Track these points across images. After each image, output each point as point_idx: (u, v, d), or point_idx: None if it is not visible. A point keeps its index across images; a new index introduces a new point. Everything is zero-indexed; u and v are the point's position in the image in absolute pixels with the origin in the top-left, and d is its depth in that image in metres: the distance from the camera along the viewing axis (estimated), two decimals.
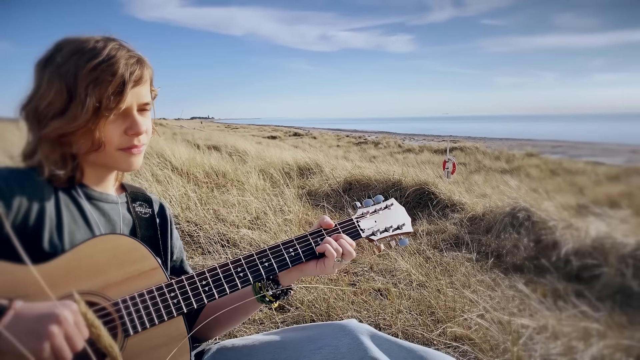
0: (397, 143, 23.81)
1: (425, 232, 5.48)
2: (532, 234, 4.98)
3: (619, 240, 4.38)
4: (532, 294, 4.00)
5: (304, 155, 10.21)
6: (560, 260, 4.52)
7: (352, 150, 22.39)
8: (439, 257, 4.73)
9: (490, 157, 17.55)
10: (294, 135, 31.12)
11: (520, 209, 5.34)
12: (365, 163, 14.85)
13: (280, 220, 4.74)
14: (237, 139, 20.42)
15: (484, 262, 4.67)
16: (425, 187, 6.77)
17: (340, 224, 1.41)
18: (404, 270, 3.86)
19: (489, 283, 4.18)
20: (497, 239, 5.13)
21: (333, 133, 33.76)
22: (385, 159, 17.98)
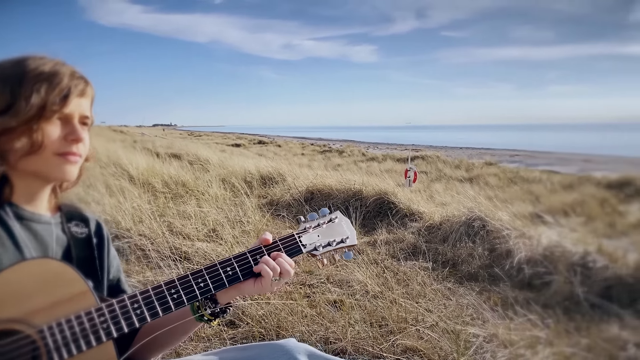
0: (361, 151, 24.03)
1: (384, 242, 5.53)
2: (487, 243, 5.11)
3: (568, 249, 4.53)
4: (485, 303, 4.10)
5: (267, 164, 10.18)
6: (513, 268, 4.64)
7: (316, 159, 22.45)
8: (397, 267, 4.79)
9: (451, 165, 17.89)
10: (258, 143, 30.98)
11: (476, 218, 5.46)
12: (329, 171, 14.93)
13: (238, 232, 4.71)
14: (200, 147, 20.18)
15: (440, 271, 4.76)
16: (385, 197, 6.85)
17: (281, 240, 1.40)
18: (360, 281, 3.89)
19: (444, 292, 4.25)
20: (453, 248, 5.23)
21: (298, 141, 33.81)
22: (350, 168, 18.12)
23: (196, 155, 13.80)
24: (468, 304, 4.02)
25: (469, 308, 3.90)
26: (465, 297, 4.17)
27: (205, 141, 31.10)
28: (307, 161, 20.91)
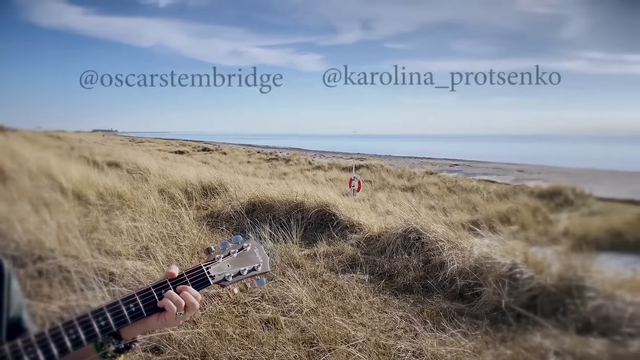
0: (308, 160, 24.12)
1: (323, 255, 5.56)
2: (422, 255, 5.23)
3: (497, 260, 4.70)
4: (419, 315, 4.20)
5: (209, 175, 10.02)
6: (446, 280, 4.78)
7: (262, 167, 22.33)
8: (335, 280, 4.82)
9: (394, 174, 18.23)
10: (203, 150, 30.48)
11: (412, 230, 5.59)
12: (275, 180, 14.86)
13: (172, 249, 4.60)
14: (141, 154, 19.60)
15: (377, 284, 4.83)
16: (326, 209, 6.89)
17: (188, 273, 1.38)
18: (296, 297, 3.89)
19: (379, 305, 4.33)
20: (390, 260, 5.33)
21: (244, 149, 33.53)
22: (296, 176, 18.12)
23: (136, 164, 13.39)
24: (402, 316, 4.11)
25: (402, 321, 3.99)
26: (399, 310, 4.26)
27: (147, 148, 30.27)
28: (252, 169, 20.75)
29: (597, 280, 4.44)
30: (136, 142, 41.11)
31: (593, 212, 10.36)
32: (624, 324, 3.79)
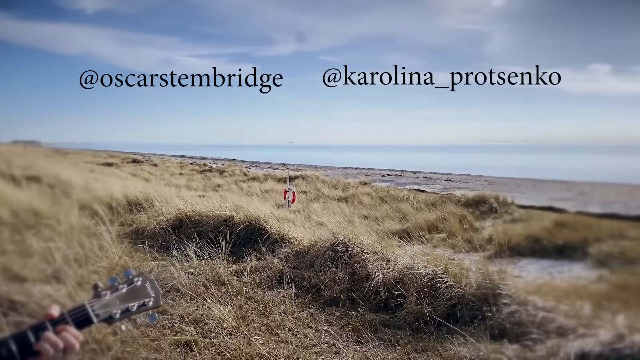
0: (243, 171, 23.86)
1: (251, 270, 5.50)
2: (349, 267, 5.29)
3: (420, 271, 4.84)
4: (344, 328, 4.23)
5: (135, 189, 9.67)
6: (371, 291, 4.86)
7: (195, 179, 21.86)
8: (261, 297, 4.77)
9: (329, 185, 18.37)
10: (132, 162, 29.40)
11: (339, 242, 5.64)
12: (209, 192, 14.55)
13: (88, 271, 4.38)
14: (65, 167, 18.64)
15: (303, 298, 4.83)
16: (256, 223, 6.83)
17: (69, 312, 1.32)
18: (217, 318, 3.81)
19: (305, 320, 4.32)
20: (318, 273, 5.35)
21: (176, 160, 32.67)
22: (230, 188, 17.87)
23: (58, 178, 12.71)
24: (327, 330, 4.13)
25: (327, 335, 4.00)
26: (325, 324, 4.28)
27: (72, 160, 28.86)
28: (185, 182, 20.27)
29: (512, 287, 4.66)
30: (61, 153, 39.11)
31: (515, 219, 10.94)
32: (535, 328, 4.00)
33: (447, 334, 4.10)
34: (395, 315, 4.51)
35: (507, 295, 4.48)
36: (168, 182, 19.28)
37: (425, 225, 10.30)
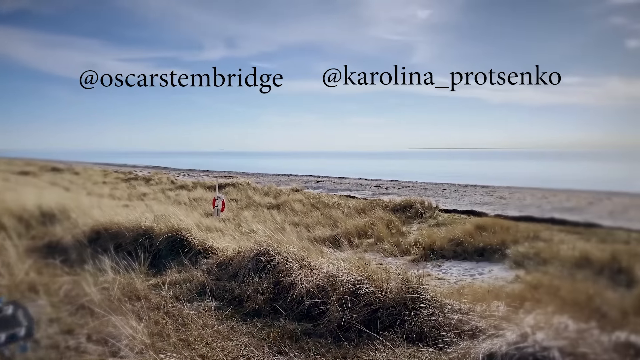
0: (171, 179, 23.14)
1: (171, 283, 5.32)
2: (272, 277, 5.24)
3: (342, 278, 4.86)
4: (265, 339, 4.17)
5: (50, 198, 9.11)
6: (295, 300, 4.83)
7: (120, 188, 20.99)
8: (180, 310, 4.62)
9: (261, 192, 18.24)
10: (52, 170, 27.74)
11: (264, 252, 5.58)
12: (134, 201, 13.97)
13: None
14: None
15: (225, 310, 4.72)
16: (178, 234, 6.62)
17: None
18: (129, 335, 3.64)
19: (225, 333, 4.22)
20: (241, 284, 5.25)
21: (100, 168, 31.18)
22: (157, 197, 17.29)
23: None
24: (247, 342, 4.05)
25: (247, 347, 3.93)
26: (246, 336, 4.20)
27: None
28: (108, 190, 19.41)
29: (430, 291, 4.79)
30: None
31: (439, 223, 11.32)
32: (451, 330, 4.12)
33: (367, 340, 4.15)
34: (317, 324, 4.51)
35: (425, 299, 4.60)
36: (90, 191, 18.39)
37: (355, 231, 10.44)
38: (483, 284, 6.64)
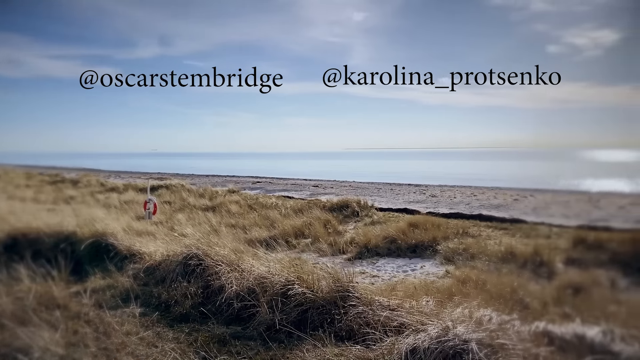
0: (100, 181, 22.19)
1: (94, 290, 5.09)
2: (202, 281, 5.12)
3: (272, 280, 4.83)
4: (193, 345, 4.06)
5: None
6: (224, 304, 4.74)
7: (45, 191, 19.88)
8: (103, 318, 4.41)
9: (195, 194, 17.88)
10: None
11: (193, 256, 5.45)
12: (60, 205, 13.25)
13: None
14: None
15: (151, 316, 4.57)
16: (103, 239, 6.33)
17: None
18: (42, 347, 3.43)
19: (150, 340, 4.08)
20: (168, 289, 5.10)
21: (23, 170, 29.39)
22: (85, 200, 16.51)
23: None
24: (173, 348, 3.94)
25: (173, 353, 3.82)
26: (172, 342, 4.08)
27: None
28: (32, 194, 18.34)
29: (360, 289, 4.84)
30: None
31: (374, 221, 11.53)
32: (379, 327, 4.18)
33: (297, 341, 4.13)
34: (247, 327, 4.45)
35: (355, 297, 4.64)
36: (11, 195, 17.30)
37: (292, 232, 10.43)
38: (415, 280, 6.80)
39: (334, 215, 12.08)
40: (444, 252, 8.14)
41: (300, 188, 20.11)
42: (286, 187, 20.42)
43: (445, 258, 7.95)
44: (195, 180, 23.58)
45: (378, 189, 19.08)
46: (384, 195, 17.23)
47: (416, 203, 15.27)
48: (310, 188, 20.06)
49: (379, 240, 8.91)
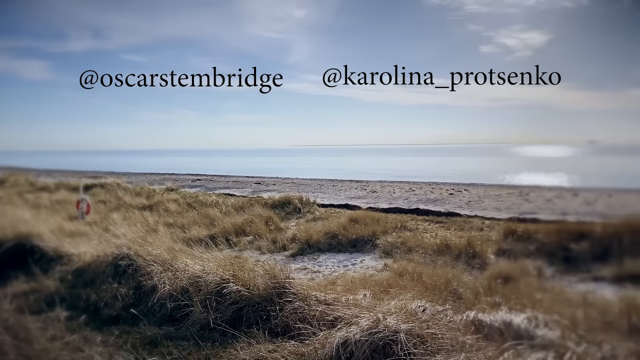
0: (30, 180, 21.04)
1: (16, 295, 4.81)
2: (133, 282, 4.96)
3: (207, 279, 4.74)
4: (122, 347, 3.93)
5: None
6: (156, 304, 4.62)
7: None
8: (24, 324, 4.18)
9: (132, 193, 17.33)
10: None
11: (124, 256, 5.27)
12: None
13: None
14: None
15: (78, 320, 4.38)
16: (27, 241, 6.00)
17: None
18: None
19: (76, 344, 3.91)
20: (97, 291, 4.91)
21: None
22: (12, 200, 15.59)
23: None
24: (102, 352, 3.79)
25: (100, 357, 3.68)
26: (101, 345, 3.93)
27: None
28: None
29: (296, 284, 4.85)
30: None
31: (316, 217, 11.59)
32: (314, 322, 4.20)
33: (231, 339, 4.08)
34: (180, 327, 4.35)
35: (291, 293, 4.64)
36: None
37: (233, 230, 10.29)
38: (355, 274, 6.89)
39: (276, 212, 12.04)
40: (383, 246, 8.30)
41: (242, 185, 19.89)
42: (227, 184, 20.14)
43: (384, 252, 8.11)
44: (132, 178, 22.80)
45: (320, 185, 19.19)
46: (326, 192, 17.35)
47: (357, 199, 15.48)
48: (253, 185, 19.90)
49: (321, 236, 8.97)
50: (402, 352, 3.21)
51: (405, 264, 6.90)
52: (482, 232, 9.42)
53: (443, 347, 3.41)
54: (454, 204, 13.39)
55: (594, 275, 6.55)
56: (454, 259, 7.39)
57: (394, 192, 16.65)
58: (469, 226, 10.03)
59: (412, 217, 11.48)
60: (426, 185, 18.28)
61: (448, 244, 8.08)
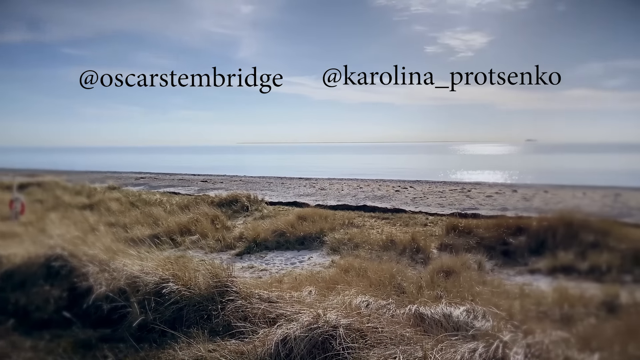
0: None
1: None
2: (67, 283, 4.75)
3: (145, 279, 4.61)
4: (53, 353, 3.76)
5: None
6: (92, 306, 4.44)
7: None
8: None
9: (72, 192, 16.64)
10: None
11: (57, 257, 5.03)
12: None
13: None
14: None
15: (5, 324, 4.16)
16: None
17: None
18: None
19: (3, 351, 3.71)
20: (28, 294, 4.67)
21: None
22: None
23: None
24: (31, 358, 3.61)
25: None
26: (29, 351, 3.74)
27: None
28: None
29: (239, 283, 4.79)
30: None
31: (264, 215, 11.51)
32: (257, 320, 4.16)
33: (170, 340, 3.98)
34: (117, 329, 4.21)
35: (234, 291, 4.58)
36: None
37: (177, 229, 10.06)
38: (302, 271, 6.89)
39: (222, 211, 11.87)
40: (331, 243, 8.36)
41: (187, 184, 19.50)
42: (172, 182, 19.69)
43: (332, 248, 8.16)
44: (72, 176, 21.85)
45: (269, 183, 19.09)
46: (275, 189, 17.27)
47: (306, 196, 15.49)
48: (199, 183, 19.55)
49: (268, 234, 8.92)
50: (340, 347, 3.22)
51: (351, 260, 6.96)
52: (425, 227, 9.66)
53: (382, 340, 3.45)
54: (400, 201, 13.64)
55: (530, 267, 6.86)
56: (399, 254, 7.53)
57: (342, 189, 16.78)
58: (414, 222, 10.27)
59: (359, 213, 11.60)
60: (374, 183, 18.54)
61: (393, 240, 8.23)
